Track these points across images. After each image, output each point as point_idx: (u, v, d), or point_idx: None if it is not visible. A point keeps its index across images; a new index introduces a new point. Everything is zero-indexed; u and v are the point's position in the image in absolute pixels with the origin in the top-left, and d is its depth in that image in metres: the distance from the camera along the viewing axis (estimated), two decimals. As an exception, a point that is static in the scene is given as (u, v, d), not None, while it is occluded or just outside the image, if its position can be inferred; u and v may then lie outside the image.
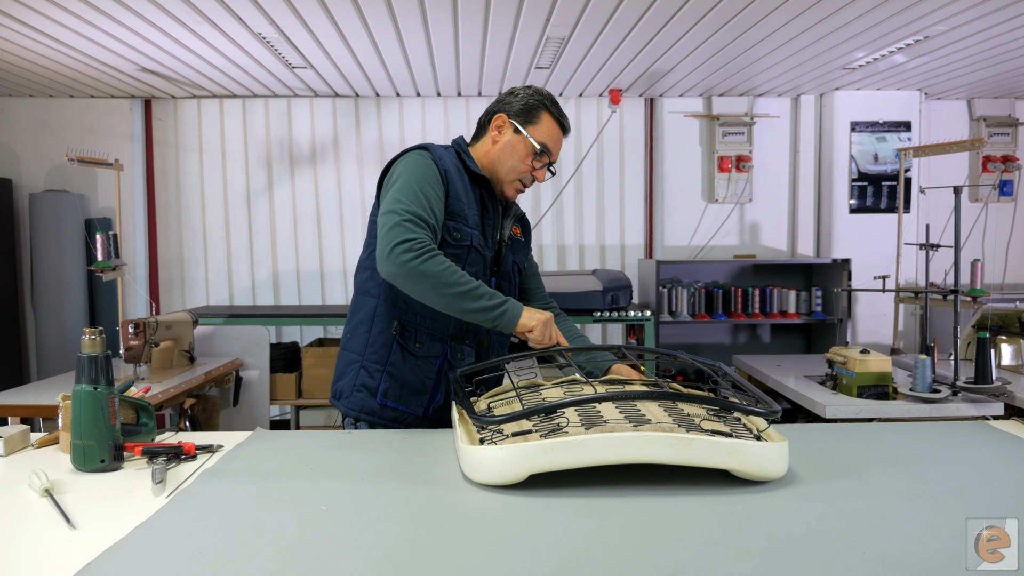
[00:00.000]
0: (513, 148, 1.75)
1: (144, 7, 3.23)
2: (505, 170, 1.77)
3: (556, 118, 1.77)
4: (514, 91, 1.79)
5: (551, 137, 1.77)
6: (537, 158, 1.76)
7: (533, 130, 1.75)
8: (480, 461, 1.20)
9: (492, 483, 1.19)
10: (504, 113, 1.76)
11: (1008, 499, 1.15)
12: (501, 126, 1.77)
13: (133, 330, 3.16)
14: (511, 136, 1.76)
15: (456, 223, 1.68)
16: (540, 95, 1.77)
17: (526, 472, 1.17)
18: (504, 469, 1.17)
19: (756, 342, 5.31)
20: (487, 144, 1.79)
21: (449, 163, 1.71)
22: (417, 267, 1.51)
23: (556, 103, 1.79)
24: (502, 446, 1.18)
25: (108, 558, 0.94)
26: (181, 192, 5.13)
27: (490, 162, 1.78)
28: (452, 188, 1.69)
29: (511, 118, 1.76)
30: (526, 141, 1.74)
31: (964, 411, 2.58)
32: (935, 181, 5.11)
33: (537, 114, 1.76)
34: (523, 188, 1.82)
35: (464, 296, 1.53)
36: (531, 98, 1.76)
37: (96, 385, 1.33)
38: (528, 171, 1.77)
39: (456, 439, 1.33)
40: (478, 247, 1.72)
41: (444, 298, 1.53)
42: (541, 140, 1.75)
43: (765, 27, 3.59)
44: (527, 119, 1.75)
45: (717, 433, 1.20)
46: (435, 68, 4.36)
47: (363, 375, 1.72)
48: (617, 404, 1.37)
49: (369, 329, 1.73)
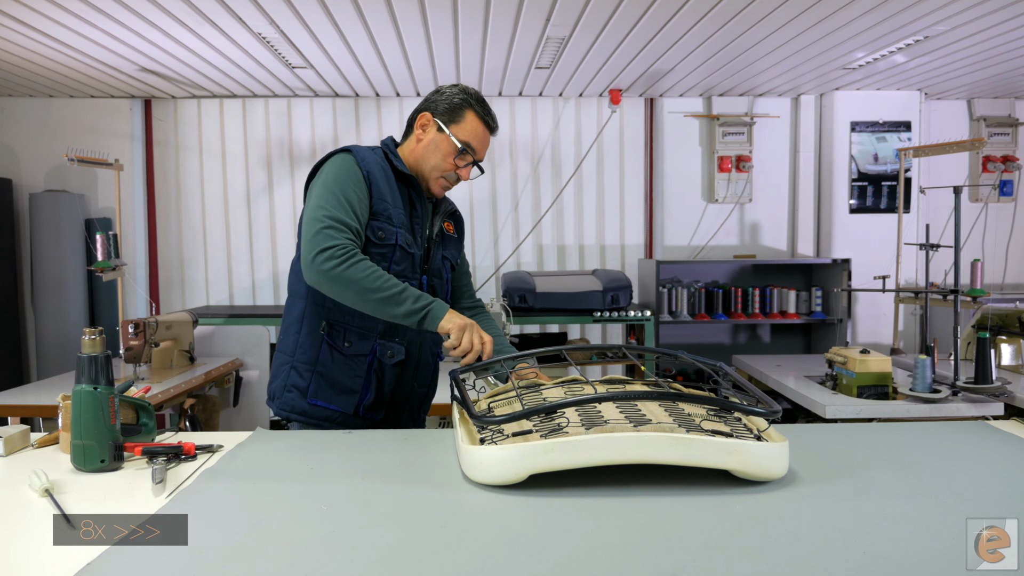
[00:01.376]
0: (436, 146, 1.77)
1: (144, 7, 3.23)
2: (428, 168, 1.79)
3: (481, 117, 1.78)
4: (440, 90, 1.80)
5: (475, 136, 1.78)
6: (460, 156, 1.77)
7: (456, 129, 1.76)
8: (480, 461, 1.20)
9: (492, 483, 1.19)
10: (429, 112, 1.78)
11: (1008, 499, 1.15)
12: (425, 124, 1.79)
13: (133, 330, 3.16)
14: (435, 135, 1.77)
15: (380, 223, 1.70)
16: (466, 94, 1.78)
17: (526, 472, 1.17)
18: (504, 469, 1.17)
19: (756, 342, 5.31)
20: (412, 143, 1.81)
21: (373, 163, 1.72)
22: (340, 274, 1.54)
23: (483, 102, 1.80)
24: (502, 446, 1.18)
25: (108, 558, 0.94)
26: (181, 192, 5.13)
27: (415, 160, 1.80)
28: (376, 189, 1.70)
29: (435, 116, 1.77)
30: (448, 140, 1.76)
31: (964, 411, 2.58)
32: (935, 181, 5.11)
33: (461, 113, 1.77)
34: (449, 185, 1.83)
35: (387, 301, 1.55)
36: (456, 96, 1.77)
37: (96, 385, 1.33)
38: (452, 169, 1.79)
39: (456, 439, 1.33)
40: (404, 245, 1.73)
41: (368, 303, 1.56)
42: (464, 139, 1.76)
43: (765, 27, 3.59)
44: (451, 118, 1.77)
45: (717, 433, 1.20)
46: (435, 68, 4.36)
47: (293, 375, 1.74)
48: (617, 404, 1.37)
49: (299, 330, 1.75)
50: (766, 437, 1.24)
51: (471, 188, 5.17)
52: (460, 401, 1.39)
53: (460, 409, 1.44)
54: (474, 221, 5.20)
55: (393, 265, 1.72)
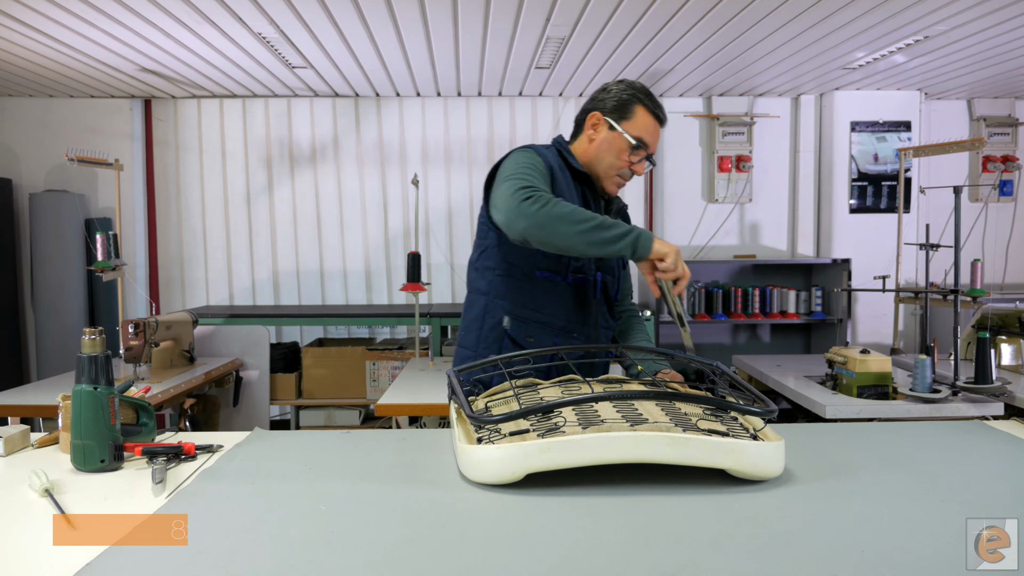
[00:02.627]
0: (609, 145, 1.78)
1: (144, 7, 3.23)
2: (603, 167, 1.81)
3: (651, 111, 1.79)
4: (607, 88, 1.82)
5: (647, 131, 1.79)
6: (634, 152, 1.78)
7: (628, 125, 1.77)
8: (478, 460, 1.20)
9: (489, 482, 1.19)
10: (598, 111, 1.80)
11: (1008, 499, 1.15)
12: (596, 124, 1.80)
13: (133, 330, 3.16)
14: (607, 133, 1.79)
15: None
16: (633, 88, 1.79)
17: (523, 471, 1.17)
18: (501, 468, 1.17)
19: (756, 342, 5.31)
20: (584, 143, 1.83)
21: (552, 160, 1.76)
22: (549, 212, 1.54)
23: (650, 95, 1.80)
24: (499, 445, 1.18)
25: (108, 558, 0.94)
26: (181, 192, 5.13)
27: (588, 160, 1.82)
28: (556, 184, 1.74)
29: (605, 115, 1.79)
30: (621, 137, 1.77)
31: (964, 411, 2.58)
32: (935, 181, 5.11)
33: (631, 109, 1.78)
34: (623, 183, 1.85)
35: (598, 228, 1.54)
36: (624, 93, 1.78)
37: (96, 385, 1.33)
38: (626, 166, 1.80)
39: (454, 438, 1.33)
40: None
41: (580, 234, 1.54)
42: (637, 135, 1.77)
43: (765, 27, 3.59)
44: (621, 115, 1.78)
45: (714, 432, 1.20)
46: (435, 68, 4.36)
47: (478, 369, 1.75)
48: (614, 404, 1.37)
49: (480, 326, 1.80)
50: (762, 436, 1.24)
51: (471, 188, 5.17)
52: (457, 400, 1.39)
53: (457, 408, 1.44)
54: (474, 221, 5.19)
55: (572, 260, 1.76)
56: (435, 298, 5.21)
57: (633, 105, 1.78)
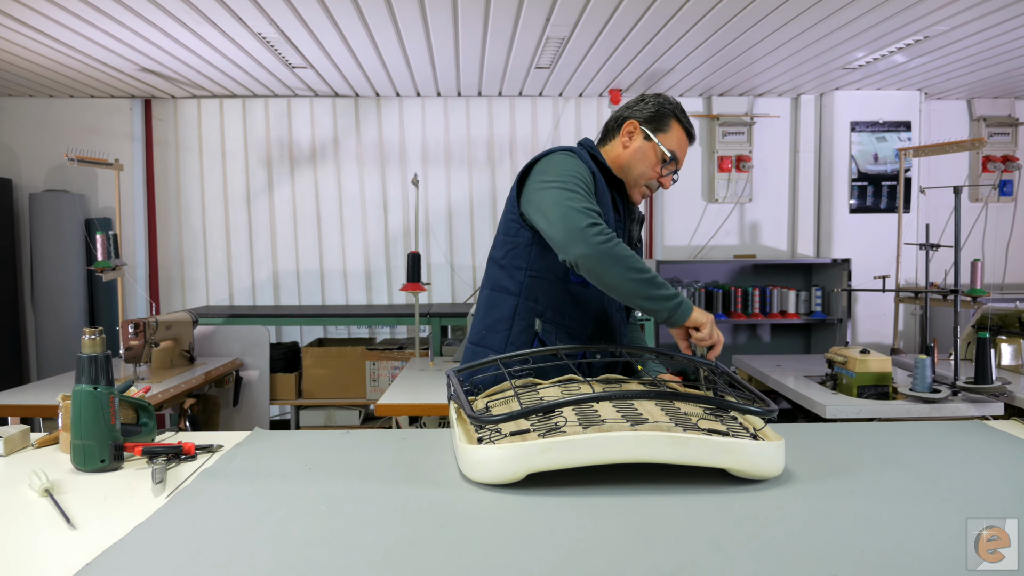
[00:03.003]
0: (644, 155, 1.78)
1: (144, 7, 3.23)
2: (635, 175, 1.80)
3: (685, 127, 1.80)
4: (644, 98, 1.81)
5: (680, 145, 1.80)
6: (665, 165, 1.78)
7: (663, 138, 1.77)
8: (478, 460, 1.20)
9: (490, 482, 1.19)
10: (636, 120, 1.79)
11: (1008, 499, 1.15)
12: (632, 132, 1.79)
13: (133, 330, 3.16)
14: (642, 142, 1.78)
15: None
16: (670, 103, 1.80)
17: (524, 471, 1.17)
18: (502, 468, 1.18)
19: (756, 342, 5.31)
20: (617, 148, 1.81)
21: (592, 164, 1.74)
22: (610, 249, 1.52)
23: (684, 112, 1.82)
24: (500, 445, 1.18)
25: (108, 558, 0.94)
26: (181, 192, 5.13)
27: (620, 167, 1.80)
28: (599, 189, 1.72)
29: (642, 124, 1.78)
30: (657, 148, 1.77)
31: (964, 411, 2.58)
32: (935, 181, 5.11)
33: (667, 122, 1.78)
34: (648, 194, 1.85)
35: (649, 283, 1.54)
36: (662, 106, 1.79)
37: (96, 385, 1.33)
38: (655, 177, 1.80)
39: (454, 438, 1.33)
40: None
41: (631, 283, 1.54)
42: (671, 148, 1.78)
43: (765, 27, 3.59)
44: (658, 127, 1.78)
45: (714, 432, 1.20)
46: (435, 68, 4.36)
47: None
48: (614, 403, 1.37)
49: (510, 327, 1.76)
50: (762, 436, 1.24)
51: (471, 188, 5.17)
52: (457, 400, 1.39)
53: (457, 408, 1.44)
54: (474, 221, 5.20)
55: None
56: (435, 298, 5.21)
57: (669, 119, 1.78)
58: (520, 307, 1.76)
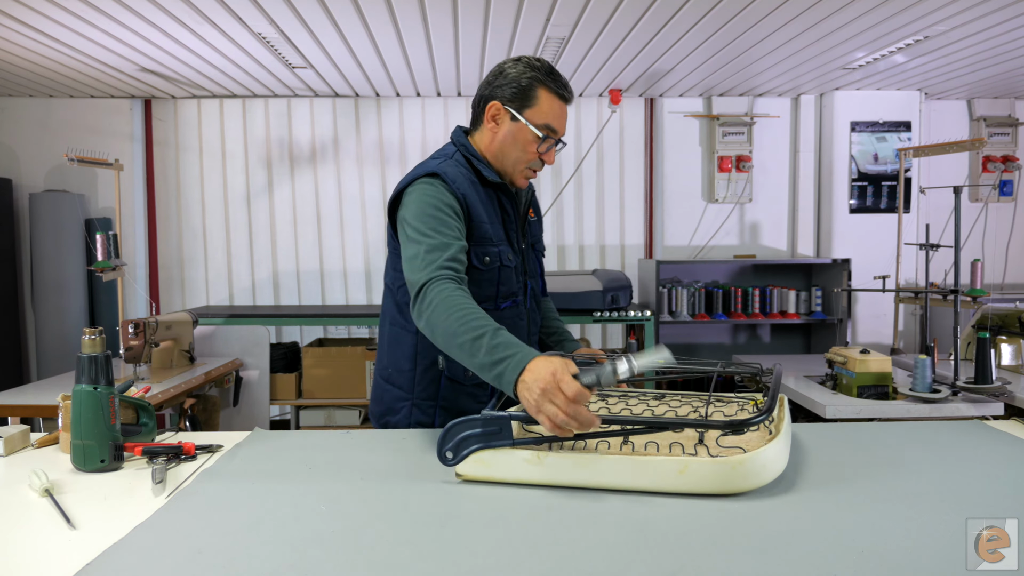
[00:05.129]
0: (514, 138, 1.58)
1: (144, 7, 3.23)
2: (511, 163, 1.61)
3: (555, 91, 1.58)
4: (503, 71, 1.59)
5: (553, 115, 1.58)
6: (543, 142, 1.58)
7: (531, 113, 1.57)
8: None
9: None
10: (497, 100, 1.58)
11: (1008, 499, 1.15)
12: (496, 115, 1.59)
13: (133, 330, 3.16)
14: (509, 125, 1.58)
15: (483, 247, 1.57)
16: (532, 69, 1.57)
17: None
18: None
19: (756, 342, 5.31)
20: (486, 137, 1.62)
21: (464, 183, 1.55)
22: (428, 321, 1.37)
23: (552, 72, 1.59)
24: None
25: (108, 558, 0.94)
26: (181, 192, 5.13)
27: (493, 156, 1.62)
28: (474, 212, 1.55)
29: (505, 105, 1.58)
30: (526, 128, 1.57)
31: (964, 411, 2.58)
32: (935, 181, 5.11)
33: (533, 93, 1.56)
34: (534, 174, 1.66)
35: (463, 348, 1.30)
36: (523, 77, 1.56)
37: (96, 385, 1.33)
38: (535, 157, 1.60)
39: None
40: (507, 263, 1.62)
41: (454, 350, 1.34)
42: (543, 122, 1.57)
43: (765, 27, 3.59)
44: (523, 103, 1.57)
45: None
46: (435, 68, 4.36)
47: (417, 413, 1.65)
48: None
49: (413, 367, 1.64)
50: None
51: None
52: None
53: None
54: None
55: (501, 287, 1.61)
56: (435, 298, 5.20)
57: (535, 89, 1.56)
58: (420, 345, 1.61)
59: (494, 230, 1.60)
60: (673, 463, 1.13)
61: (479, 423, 1.20)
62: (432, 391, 1.64)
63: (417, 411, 1.65)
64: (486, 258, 1.58)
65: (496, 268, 1.60)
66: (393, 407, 1.68)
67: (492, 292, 1.60)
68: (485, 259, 1.57)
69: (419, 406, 1.65)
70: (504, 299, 1.63)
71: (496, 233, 1.61)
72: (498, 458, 1.19)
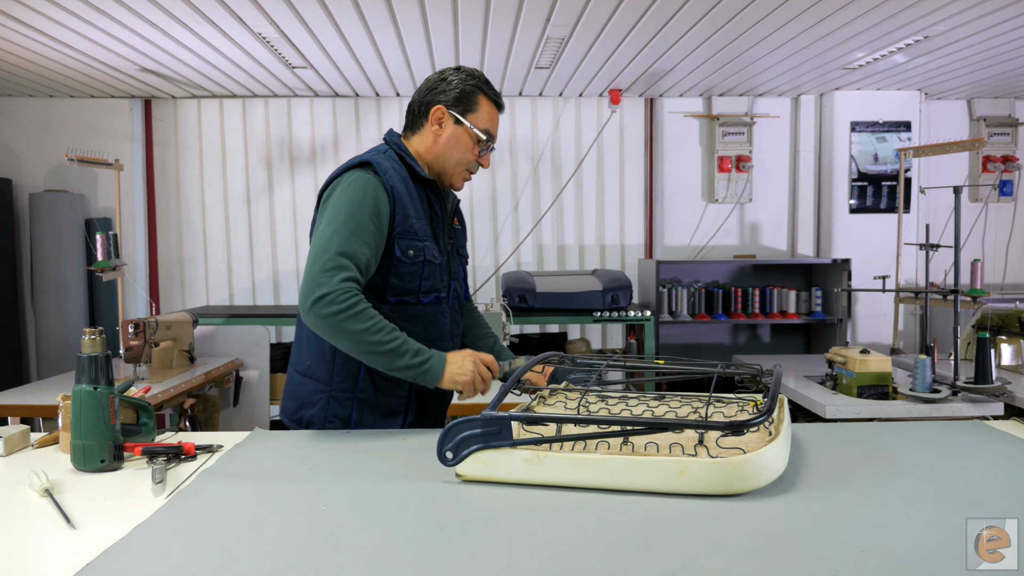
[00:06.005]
0: (457, 141, 1.69)
1: (144, 7, 3.23)
2: (452, 164, 1.71)
3: (492, 99, 1.71)
4: (446, 78, 1.70)
5: (491, 121, 1.72)
6: (482, 146, 1.71)
7: (474, 118, 1.68)
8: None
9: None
10: (442, 104, 1.68)
11: (1008, 499, 1.15)
12: (441, 118, 1.68)
13: (133, 330, 3.16)
14: (453, 128, 1.68)
15: (408, 241, 1.62)
16: (473, 78, 1.70)
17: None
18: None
19: (756, 342, 5.31)
20: (428, 139, 1.70)
21: (395, 176, 1.63)
22: (338, 324, 1.47)
23: (488, 82, 1.73)
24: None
25: (108, 558, 0.94)
26: (181, 192, 5.13)
27: (434, 157, 1.71)
28: (400, 204, 1.61)
29: (450, 109, 1.67)
30: (469, 131, 1.68)
31: (964, 411, 2.58)
32: (935, 181, 5.11)
33: (474, 100, 1.68)
34: (470, 176, 1.77)
35: (388, 354, 1.50)
36: (466, 84, 1.68)
37: (96, 385, 1.33)
38: (475, 160, 1.72)
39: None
40: (432, 259, 1.67)
41: (365, 355, 1.51)
42: (484, 127, 1.69)
43: (765, 27, 3.59)
44: (466, 108, 1.68)
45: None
46: (435, 68, 4.35)
47: (334, 405, 1.66)
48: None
49: (332, 358, 1.66)
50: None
51: (471, 188, 5.16)
52: None
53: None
54: (474, 221, 5.20)
55: (424, 281, 1.66)
56: (435, 298, 5.20)
57: (476, 96, 1.68)
58: None
59: (420, 225, 1.66)
60: (673, 464, 1.13)
61: (479, 423, 1.20)
62: (350, 383, 1.67)
63: (334, 403, 1.67)
64: (410, 251, 1.63)
65: (420, 262, 1.65)
66: (309, 400, 1.69)
67: (415, 286, 1.66)
68: (409, 252, 1.63)
69: (336, 398, 1.67)
70: (426, 294, 1.69)
71: (422, 229, 1.66)
72: (498, 458, 1.19)
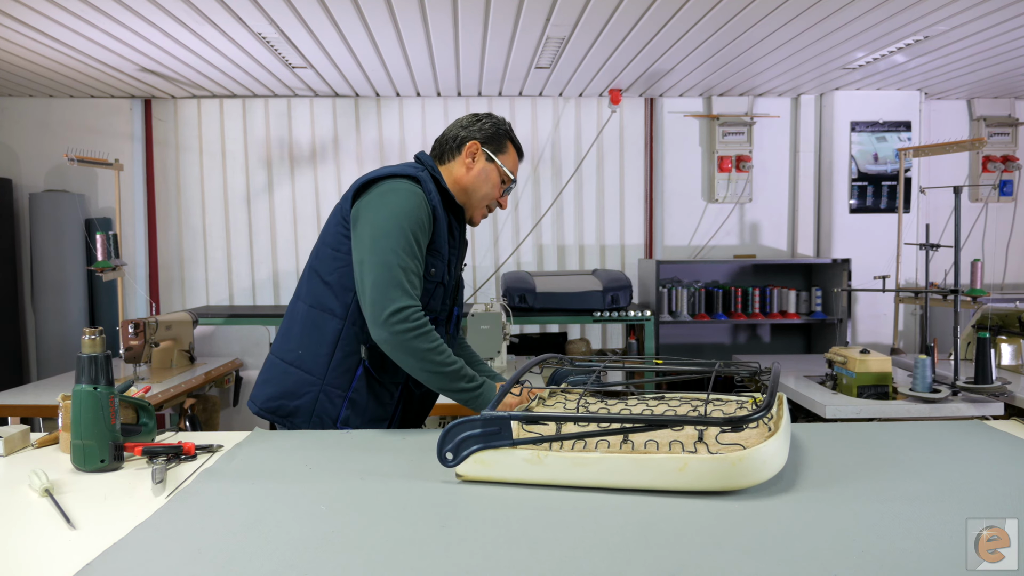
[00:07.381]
0: (487, 176, 1.78)
1: (144, 7, 3.23)
2: (479, 197, 1.79)
3: (517, 147, 1.84)
4: (479, 118, 1.82)
5: (515, 166, 1.83)
6: (507, 186, 1.82)
7: (503, 159, 1.79)
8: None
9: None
10: (477, 140, 1.78)
11: (1008, 499, 1.15)
12: (475, 153, 1.78)
13: (133, 330, 3.16)
14: (484, 164, 1.78)
15: (434, 259, 1.68)
16: (504, 125, 1.82)
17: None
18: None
19: (756, 342, 5.31)
20: (460, 169, 1.78)
21: (435, 196, 1.69)
22: (409, 342, 1.53)
23: (514, 132, 1.85)
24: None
25: (108, 558, 0.94)
26: (181, 192, 5.13)
27: (463, 188, 1.78)
28: (439, 225, 1.68)
29: (483, 146, 1.78)
30: (499, 170, 1.79)
31: (964, 411, 2.58)
32: (935, 181, 5.11)
33: (504, 143, 1.80)
34: (488, 213, 1.86)
35: (446, 376, 1.57)
36: (498, 127, 1.80)
37: (96, 385, 1.33)
38: (497, 198, 1.82)
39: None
40: (444, 281, 1.72)
41: (426, 374, 1.57)
42: (511, 168, 1.81)
43: (765, 27, 3.59)
44: (498, 147, 1.79)
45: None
46: (435, 68, 4.36)
47: (323, 400, 1.67)
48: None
49: (332, 352, 1.66)
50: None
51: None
52: None
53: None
54: (474, 221, 5.19)
55: (431, 300, 1.70)
56: (435, 298, 5.20)
57: (505, 140, 1.80)
58: (345, 332, 1.66)
59: (445, 248, 1.72)
60: (673, 460, 1.13)
61: (479, 423, 1.21)
62: (346, 381, 1.68)
63: (324, 398, 1.67)
64: (432, 270, 1.68)
65: (436, 283, 1.70)
66: (296, 391, 1.68)
67: (424, 301, 1.68)
68: (431, 271, 1.68)
69: (328, 393, 1.67)
70: (428, 314, 1.69)
71: (446, 252, 1.73)
72: (498, 458, 1.19)
